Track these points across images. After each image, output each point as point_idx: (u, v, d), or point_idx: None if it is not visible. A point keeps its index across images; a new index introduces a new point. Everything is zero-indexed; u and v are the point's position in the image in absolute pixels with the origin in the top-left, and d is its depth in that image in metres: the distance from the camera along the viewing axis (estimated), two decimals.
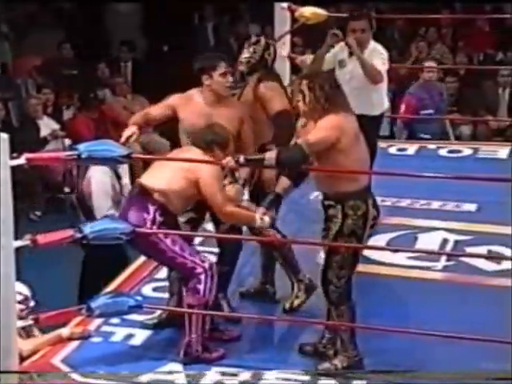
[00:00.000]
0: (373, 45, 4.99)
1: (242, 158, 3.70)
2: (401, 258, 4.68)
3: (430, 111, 7.34)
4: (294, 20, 6.29)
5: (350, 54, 4.96)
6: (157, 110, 4.15)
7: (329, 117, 3.66)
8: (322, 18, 6.16)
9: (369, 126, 4.61)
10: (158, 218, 3.85)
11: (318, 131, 3.63)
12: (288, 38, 6.40)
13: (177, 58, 8.81)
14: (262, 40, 4.40)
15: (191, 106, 4.09)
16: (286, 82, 6.44)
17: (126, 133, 3.99)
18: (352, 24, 4.95)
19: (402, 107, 7.40)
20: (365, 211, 3.68)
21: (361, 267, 4.29)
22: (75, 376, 3.74)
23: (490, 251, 4.76)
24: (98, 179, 5.26)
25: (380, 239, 4.92)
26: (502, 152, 6.30)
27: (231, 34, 9.95)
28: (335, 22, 8.92)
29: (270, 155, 3.64)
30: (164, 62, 9.35)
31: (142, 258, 4.88)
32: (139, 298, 4.00)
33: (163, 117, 4.14)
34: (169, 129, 7.81)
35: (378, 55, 4.95)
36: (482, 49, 8.77)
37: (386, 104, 5.09)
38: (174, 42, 9.75)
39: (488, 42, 8.90)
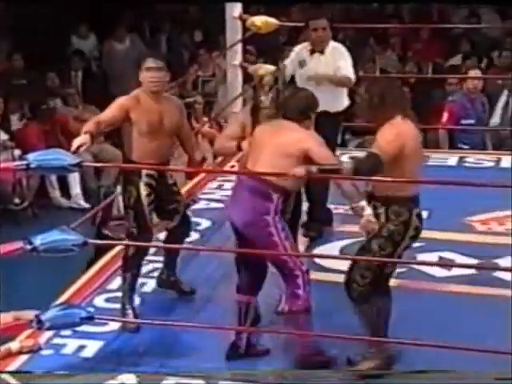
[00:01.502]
0: (333, 43, 5.09)
1: (314, 168, 3.66)
2: None
3: (471, 121, 7.23)
4: (245, 29, 6.31)
5: (311, 52, 5.06)
6: (108, 115, 4.15)
7: (393, 124, 3.67)
8: (273, 27, 6.19)
9: (330, 122, 4.85)
10: (280, 207, 3.80)
11: (386, 138, 3.64)
12: (240, 46, 6.41)
13: None
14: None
15: (141, 105, 4.16)
16: (239, 90, 6.48)
17: (77, 141, 3.95)
18: (312, 23, 5.05)
19: (445, 115, 7.22)
20: (407, 219, 3.69)
21: (313, 275, 4.31)
22: None
23: (440, 258, 4.80)
24: None
25: (334, 247, 4.95)
26: (452, 160, 6.39)
27: (182, 44, 9.94)
28: (286, 31, 9.10)
29: (347, 165, 3.64)
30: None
31: (94, 269, 4.85)
32: (91, 309, 3.95)
33: (116, 120, 4.16)
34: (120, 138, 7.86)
35: (343, 57, 5.04)
36: (430, 58, 8.88)
37: (346, 102, 5.14)
38: None
39: (436, 50, 9.02)
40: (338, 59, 4.99)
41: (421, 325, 4.05)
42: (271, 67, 6.27)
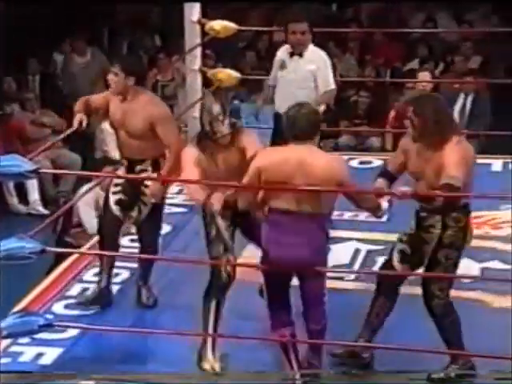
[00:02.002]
0: (313, 47, 5.15)
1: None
2: None
3: None
4: (204, 33, 6.30)
5: (291, 55, 5.12)
6: (97, 99, 4.52)
7: (456, 146, 3.70)
8: (232, 31, 6.19)
9: None
10: None
11: (457, 164, 3.65)
12: (199, 51, 6.40)
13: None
14: None
15: (115, 99, 4.45)
16: (198, 95, 6.47)
17: (76, 120, 4.33)
18: (291, 26, 5.10)
19: (390, 116, 7.30)
20: (465, 224, 3.75)
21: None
22: None
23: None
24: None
25: None
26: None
27: (143, 48, 9.89)
28: (246, 36, 9.11)
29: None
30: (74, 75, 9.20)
31: (53, 276, 4.80)
32: (50, 316, 3.90)
33: (100, 105, 4.49)
34: (80, 144, 7.79)
35: (322, 62, 5.09)
36: (388, 61, 8.95)
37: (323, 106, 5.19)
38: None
39: (394, 54, 9.09)
40: (316, 64, 5.05)
41: (386, 326, 4.07)
42: (231, 71, 6.33)
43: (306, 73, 5.06)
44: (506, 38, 8.22)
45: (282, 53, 5.21)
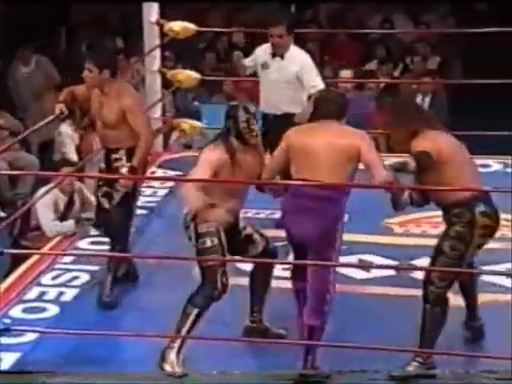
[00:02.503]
0: (296, 49, 5.19)
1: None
2: (277, 269, 4.70)
3: None
4: (163, 34, 6.28)
5: (273, 56, 5.17)
6: (81, 91, 4.75)
7: (424, 136, 3.81)
8: (191, 32, 6.18)
9: (293, 123, 4.86)
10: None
11: (422, 146, 3.76)
12: (158, 52, 6.37)
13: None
14: None
15: (94, 93, 4.66)
16: (158, 96, 6.44)
17: (57, 109, 4.67)
18: (270, 30, 5.18)
19: None
20: (470, 219, 3.78)
21: (234, 280, 4.31)
22: None
23: (360, 260, 4.86)
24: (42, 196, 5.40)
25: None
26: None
27: (102, 49, 9.80)
28: (206, 37, 9.09)
29: (411, 162, 3.75)
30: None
31: (10, 279, 4.74)
32: (7, 320, 3.85)
33: (84, 95, 4.73)
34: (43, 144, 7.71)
35: (304, 65, 5.11)
36: (347, 62, 8.99)
37: (305, 102, 5.18)
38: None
39: (353, 55, 9.14)
40: (299, 65, 5.10)
41: (344, 325, 4.11)
42: (191, 72, 6.31)
43: (289, 73, 5.11)
44: (462, 38, 8.33)
45: (263, 52, 5.24)
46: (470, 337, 4.18)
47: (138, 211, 5.45)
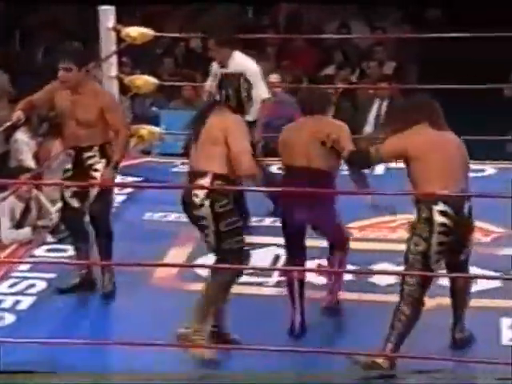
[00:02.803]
0: (240, 59, 5.23)
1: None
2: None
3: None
4: (120, 40, 6.24)
5: (221, 66, 5.22)
6: (38, 95, 4.75)
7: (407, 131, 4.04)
8: (149, 37, 6.16)
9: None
10: None
11: (389, 141, 4.07)
12: (115, 57, 6.34)
13: None
14: None
15: (62, 92, 4.67)
16: None
17: (15, 117, 4.65)
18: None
19: None
20: (428, 216, 3.88)
21: (193, 286, 4.31)
22: None
23: (320, 265, 4.88)
24: None
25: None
26: None
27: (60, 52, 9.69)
28: (163, 42, 9.06)
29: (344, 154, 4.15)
30: None
31: None
32: None
33: (42, 102, 4.78)
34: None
35: (254, 75, 5.09)
36: (304, 67, 9.03)
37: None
38: None
39: (310, 60, 9.18)
40: (255, 88, 5.00)
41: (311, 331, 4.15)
42: (148, 78, 6.29)
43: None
44: (417, 43, 8.42)
45: (216, 65, 5.33)
46: (455, 343, 4.12)
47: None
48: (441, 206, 3.88)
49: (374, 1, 9.16)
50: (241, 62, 5.24)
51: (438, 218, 3.88)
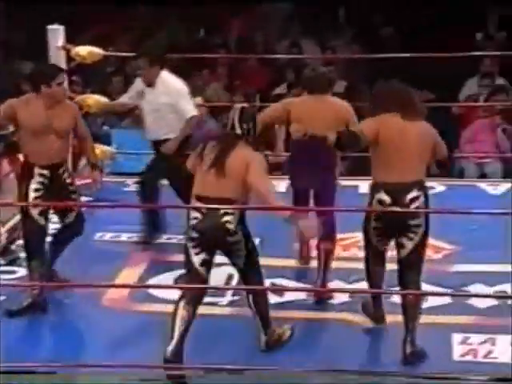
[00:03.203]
0: (166, 78, 5.30)
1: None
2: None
3: None
4: (70, 59, 6.20)
5: (148, 85, 5.33)
6: (3, 114, 4.68)
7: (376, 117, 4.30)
8: (99, 57, 6.13)
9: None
10: None
11: (364, 123, 4.33)
12: (65, 76, 6.27)
13: None
14: None
15: (30, 107, 4.63)
16: None
17: None
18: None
19: None
20: (371, 201, 4.24)
21: (146, 307, 4.26)
22: None
23: (273, 284, 4.87)
24: None
25: (168, 277, 4.92)
26: (282, 185, 6.47)
27: (9, 74, 9.60)
28: (114, 61, 9.01)
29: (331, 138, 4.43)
30: None
31: None
32: None
33: (4, 117, 4.70)
34: None
35: (181, 94, 5.26)
36: (256, 87, 9.06)
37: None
38: None
39: (262, 79, 9.21)
40: (170, 96, 5.25)
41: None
42: (99, 97, 6.24)
43: (161, 105, 5.28)
44: (368, 62, 8.50)
45: (139, 82, 5.43)
46: (406, 358, 4.10)
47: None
48: (381, 195, 4.14)
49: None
50: (168, 81, 5.33)
51: (376, 206, 4.17)
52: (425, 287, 4.47)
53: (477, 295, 4.61)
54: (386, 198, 4.15)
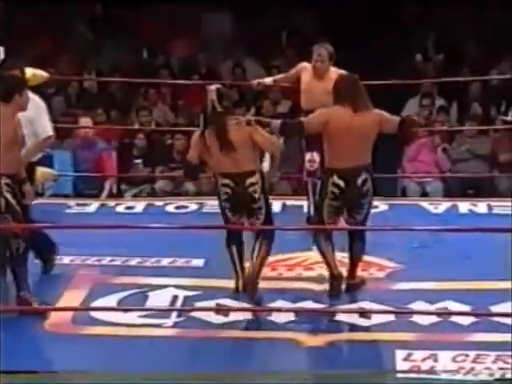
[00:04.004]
0: (33, 97, 5.16)
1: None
2: (132, 317, 4.64)
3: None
4: None
5: None
6: None
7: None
8: (42, 79, 6.07)
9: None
10: None
11: (313, 114, 4.83)
12: None
13: None
14: None
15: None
16: None
17: None
18: None
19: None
20: (325, 184, 4.79)
21: (87, 329, 4.19)
22: None
23: (218, 304, 4.86)
24: None
25: (110, 300, 4.87)
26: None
27: None
28: (56, 83, 8.93)
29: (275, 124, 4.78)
30: None
31: None
32: None
33: None
34: None
35: (41, 112, 5.24)
36: (200, 106, 9.05)
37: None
38: None
39: (205, 99, 9.19)
40: (31, 111, 5.05)
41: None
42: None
43: (24, 119, 5.03)
44: None
45: None
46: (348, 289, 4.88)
47: None
48: (335, 179, 4.71)
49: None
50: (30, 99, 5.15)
51: (331, 188, 4.75)
52: (369, 305, 4.53)
53: (419, 312, 4.65)
54: (340, 182, 4.72)
